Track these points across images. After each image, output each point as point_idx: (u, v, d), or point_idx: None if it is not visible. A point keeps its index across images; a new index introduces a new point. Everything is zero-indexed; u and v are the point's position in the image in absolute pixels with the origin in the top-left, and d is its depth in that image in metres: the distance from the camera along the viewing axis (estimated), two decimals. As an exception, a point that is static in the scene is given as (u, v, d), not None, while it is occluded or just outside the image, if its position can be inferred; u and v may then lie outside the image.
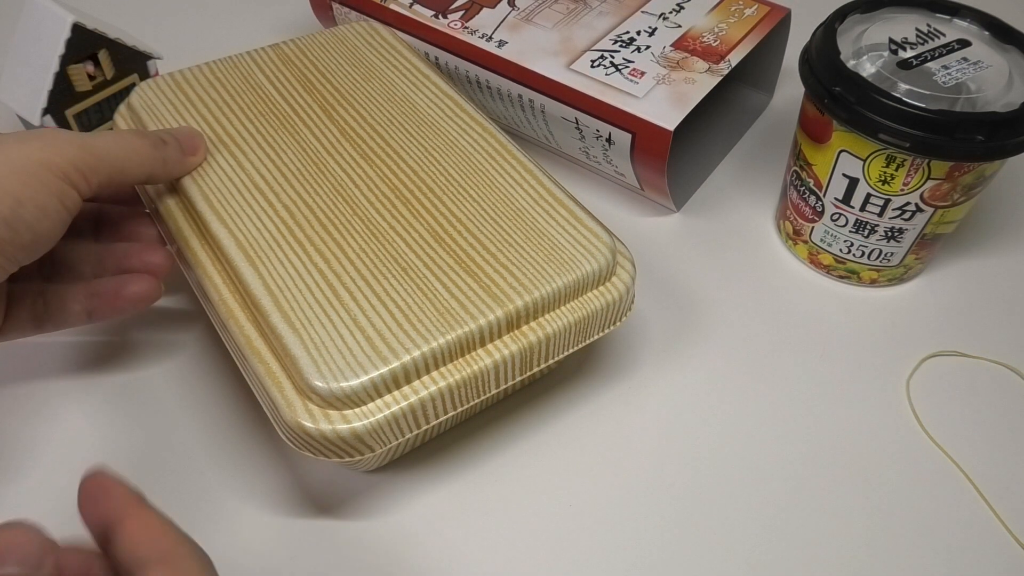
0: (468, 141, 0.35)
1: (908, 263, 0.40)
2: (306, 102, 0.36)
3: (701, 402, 0.36)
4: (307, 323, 0.28)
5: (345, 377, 0.26)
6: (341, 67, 0.38)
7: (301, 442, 0.27)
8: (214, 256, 0.31)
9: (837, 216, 0.38)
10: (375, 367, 0.27)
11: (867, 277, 0.41)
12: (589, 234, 0.31)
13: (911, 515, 0.33)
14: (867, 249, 0.39)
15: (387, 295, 0.29)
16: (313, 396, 0.27)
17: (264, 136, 0.34)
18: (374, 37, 0.40)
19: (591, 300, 0.31)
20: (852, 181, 0.37)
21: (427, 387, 0.28)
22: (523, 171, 0.34)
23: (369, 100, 0.37)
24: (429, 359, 0.27)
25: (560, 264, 0.30)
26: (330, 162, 0.34)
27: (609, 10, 0.45)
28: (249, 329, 0.29)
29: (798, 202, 0.40)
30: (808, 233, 0.41)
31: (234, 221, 0.31)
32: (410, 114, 0.36)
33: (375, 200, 0.32)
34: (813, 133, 0.37)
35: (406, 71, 0.38)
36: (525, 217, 0.32)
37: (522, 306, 0.29)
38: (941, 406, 0.36)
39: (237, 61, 0.38)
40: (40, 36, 0.39)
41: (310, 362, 0.27)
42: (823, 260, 0.41)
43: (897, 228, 0.37)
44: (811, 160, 0.38)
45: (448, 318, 0.28)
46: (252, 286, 0.29)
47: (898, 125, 0.33)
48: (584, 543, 0.32)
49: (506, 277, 0.30)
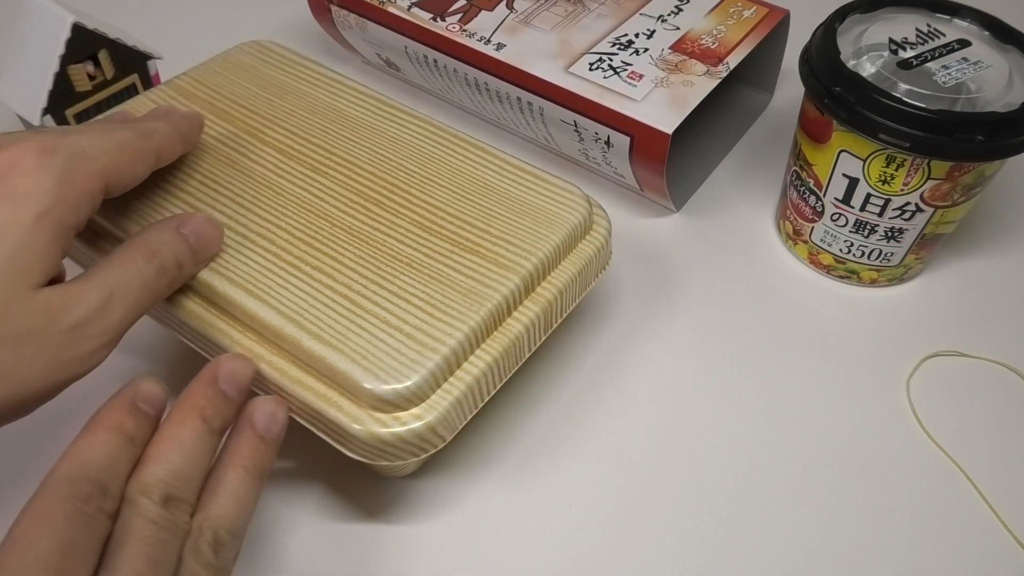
0: (409, 133, 0.35)
1: (908, 263, 0.40)
2: (229, 131, 0.34)
3: (701, 402, 0.36)
4: (342, 337, 0.27)
5: (406, 376, 0.26)
6: (249, 90, 0.36)
7: (377, 452, 0.27)
8: (207, 304, 0.29)
9: (837, 216, 0.38)
10: (428, 359, 0.27)
11: (867, 277, 0.41)
12: (560, 190, 0.33)
13: (911, 515, 0.33)
14: (867, 249, 0.39)
15: (405, 292, 0.29)
16: (379, 404, 0.26)
17: (203, 173, 0.33)
18: (269, 54, 0.38)
19: (584, 249, 0.32)
20: (852, 181, 0.37)
21: (476, 366, 0.28)
22: (474, 149, 0.34)
23: (293, 115, 0.35)
24: (472, 339, 0.28)
25: (549, 223, 0.31)
26: (283, 183, 0.32)
27: (607, 12, 0.45)
28: (279, 363, 0.28)
29: (798, 202, 0.40)
30: (808, 233, 0.41)
31: (216, 262, 0.30)
32: (340, 120, 0.35)
33: (346, 208, 0.31)
34: (813, 133, 0.37)
35: (317, 80, 0.37)
36: (496, 189, 0.33)
37: (533, 269, 0.30)
38: (941, 406, 0.36)
39: (136, 105, 0.35)
40: (40, 36, 0.39)
41: (364, 372, 0.26)
42: (823, 260, 0.41)
43: (897, 228, 0.37)
44: (811, 160, 0.38)
45: (473, 297, 0.29)
46: (267, 318, 0.28)
47: (898, 125, 0.33)
48: (584, 544, 0.32)
49: (506, 247, 0.30)
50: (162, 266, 0.27)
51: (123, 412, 0.23)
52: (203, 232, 0.29)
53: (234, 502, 0.24)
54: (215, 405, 0.25)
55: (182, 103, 0.36)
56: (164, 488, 0.23)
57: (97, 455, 0.22)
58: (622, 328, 0.39)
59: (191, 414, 0.24)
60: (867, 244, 0.39)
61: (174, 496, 0.23)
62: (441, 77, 0.47)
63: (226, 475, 0.24)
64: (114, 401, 0.24)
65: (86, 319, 0.24)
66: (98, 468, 0.22)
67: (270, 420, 0.26)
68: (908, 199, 0.36)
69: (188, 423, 0.24)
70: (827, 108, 0.35)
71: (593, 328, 0.39)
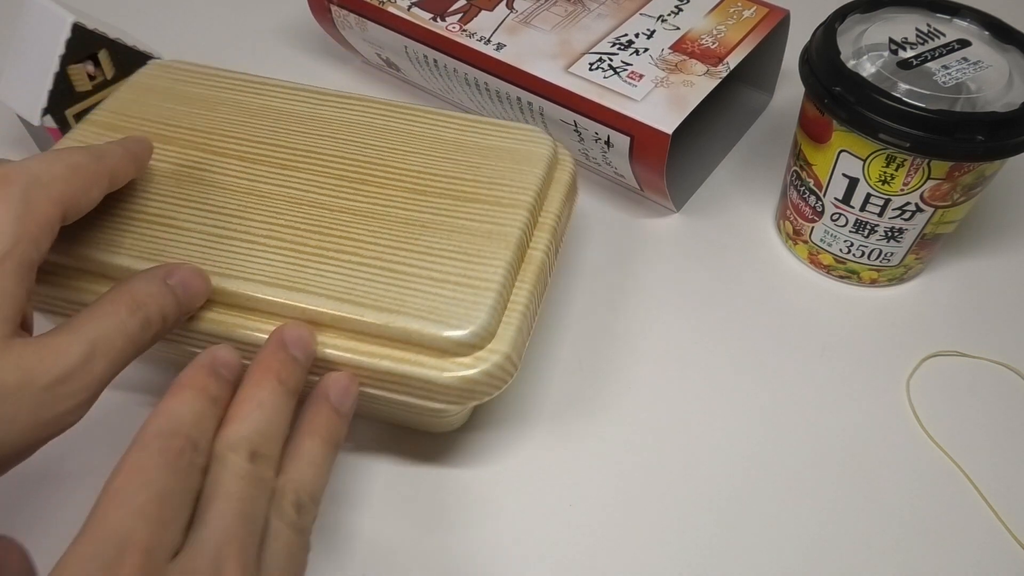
0: (357, 114, 0.35)
1: (908, 263, 0.40)
2: (180, 153, 0.33)
3: (701, 401, 0.36)
4: (400, 302, 0.29)
5: (475, 317, 0.28)
6: (176, 109, 0.35)
7: (467, 393, 0.28)
8: (244, 312, 0.29)
9: (837, 216, 0.38)
10: (486, 298, 0.29)
11: (867, 277, 0.41)
12: (524, 132, 0.35)
13: (911, 515, 0.33)
14: (867, 249, 0.39)
15: (434, 249, 0.30)
16: (459, 348, 0.28)
17: (177, 196, 0.32)
18: (177, 72, 0.37)
19: (561, 177, 0.35)
20: (852, 181, 0.37)
21: (520, 295, 0.30)
22: (426, 114, 0.35)
23: (234, 123, 0.35)
24: (510, 273, 0.30)
25: (526, 159, 0.33)
26: (262, 187, 0.32)
27: (607, 12, 0.45)
28: (345, 344, 0.28)
29: (798, 202, 0.40)
30: (808, 233, 0.41)
31: (235, 269, 0.29)
32: (283, 117, 0.35)
33: (336, 193, 0.32)
34: (813, 133, 0.37)
35: (240, 85, 0.36)
36: (465, 143, 0.34)
37: (533, 201, 0.32)
38: (941, 406, 0.36)
39: (68, 143, 0.34)
40: (40, 36, 0.39)
41: (438, 324, 0.28)
42: (823, 260, 0.41)
43: (897, 228, 0.37)
44: (811, 160, 0.38)
45: (496, 237, 0.31)
46: (320, 306, 0.28)
47: (898, 125, 0.33)
48: (586, 542, 0.32)
49: (502, 188, 0.32)
50: (147, 319, 0.25)
51: (205, 375, 0.24)
52: (190, 283, 0.28)
53: (312, 468, 0.25)
54: (288, 368, 0.26)
55: (110, 137, 0.33)
56: (250, 445, 0.23)
57: (185, 412, 0.23)
58: (622, 327, 0.39)
59: (267, 376, 0.25)
60: (867, 244, 0.39)
61: (259, 452, 0.23)
62: (441, 77, 0.47)
63: (304, 443, 0.25)
64: (194, 365, 0.24)
65: (66, 375, 0.23)
66: (188, 424, 0.23)
67: (344, 394, 0.27)
68: (908, 199, 0.36)
69: (266, 384, 0.25)
70: (827, 108, 0.35)
71: (593, 328, 0.39)
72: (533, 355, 0.38)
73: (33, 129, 0.43)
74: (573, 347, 0.38)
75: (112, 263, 0.30)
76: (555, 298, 0.40)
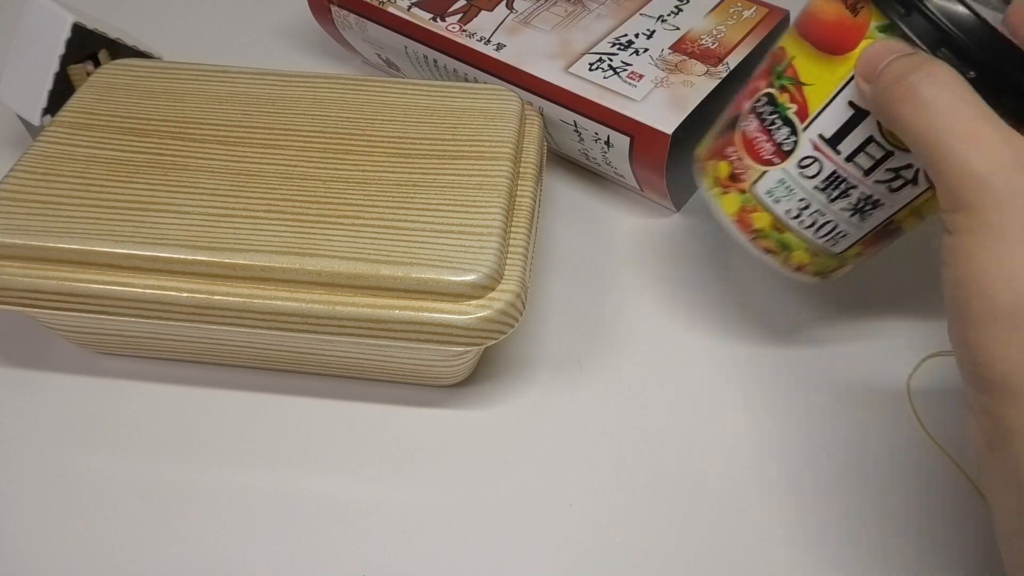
0: (326, 92, 0.37)
1: (848, 256, 0.33)
2: (157, 144, 0.34)
3: (700, 401, 0.36)
4: (411, 255, 0.30)
5: (484, 261, 0.30)
6: (144, 104, 0.36)
7: (485, 334, 0.30)
8: (257, 283, 0.30)
9: (809, 162, 0.30)
10: (490, 242, 0.31)
11: (797, 260, 0.33)
12: (490, 91, 0.37)
13: (912, 515, 0.33)
14: (822, 219, 0.31)
15: (431, 204, 0.32)
16: (472, 291, 0.30)
17: (165, 184, 0.32)
18: (137, 69, 0.38)
19: (531, 130, 0.37)
20: (857, 116, 0.28)
21: (518, 238, 0.32)
22: (394, 84, 0.37)
23: (207, 111, 0.35)
24: (506, 218, 0.32)
25: (499, 116, 0.36)
26: (249, 166, 0.33)
27: (607, 13, 0.45)
28: (364, 301, 0.30)
29: (756, 135, 0.31)
30: (753, 179, 0.32)
31: (243, 244, 0.30)
32: (254, 101, 0.36)
33: (323, 164, 0.33)
34: (828, 39, 0.29)
35: (204, 76, 0.37)
36: (437, 107, 0.36)
37: (513, 151, 0.34)
38: (941, 406, 0.36)
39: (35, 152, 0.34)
40: (40, 36, 0.40)
41: (451, 270, 0.30)
42: (756, 221, 0.32)
43: (873, 199, 0.30)
44: (806, 78, 0.29)
45: (487, 188, 0.33)
46: (335, 267, 0.30)
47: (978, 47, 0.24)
48: (586, 543, 0.32)
49: (482, 143, 0.34)
50: None
51: None
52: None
53: None
54: None
55: (83, 136, 0.34)
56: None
57: None
58: (621, 328, 0.39)
59: None
60: (825, 212, 0.31)
61: None
62: (441, 77, 0.47)
63: None
64: None
65: None
66: None
67: None
68: (914, 160, 0.29)
69: None
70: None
71: (592, 327, 0.39)
72: (532, 353, 0.38)
73: (33, 129, 0.43)
74: (573, 347, 0.38)
75: (116, 252, 0.30)
76: (554, 298, 0.40)
